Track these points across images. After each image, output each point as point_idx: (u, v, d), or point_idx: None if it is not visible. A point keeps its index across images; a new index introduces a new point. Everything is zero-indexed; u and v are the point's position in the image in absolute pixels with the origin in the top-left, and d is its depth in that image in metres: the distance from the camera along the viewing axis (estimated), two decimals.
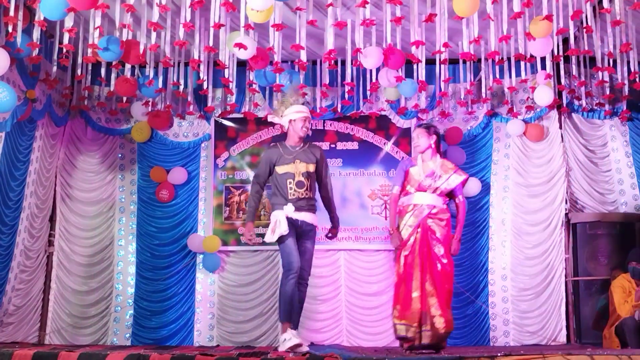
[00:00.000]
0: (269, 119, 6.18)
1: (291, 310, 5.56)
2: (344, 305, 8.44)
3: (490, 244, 8.51)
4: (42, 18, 6.07)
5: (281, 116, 5.84)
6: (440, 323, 5.63)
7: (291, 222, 5.64)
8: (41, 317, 8.39)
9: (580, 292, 8.11)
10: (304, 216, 5.70)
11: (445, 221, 5.91)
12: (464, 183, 6.05)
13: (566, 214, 8.41)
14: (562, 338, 8.19)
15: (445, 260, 5.80)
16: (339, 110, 8.48)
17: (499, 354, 4.53)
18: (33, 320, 8.25)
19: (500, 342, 8.28)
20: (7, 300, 7.70)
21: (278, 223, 5.61)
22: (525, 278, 8.38)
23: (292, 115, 5.77)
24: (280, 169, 5.76)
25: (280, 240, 5.64)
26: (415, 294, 5.72)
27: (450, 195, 6.03)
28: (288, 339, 5.40)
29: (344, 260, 8.52)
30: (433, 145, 6.01)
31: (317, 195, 5.94)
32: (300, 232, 5.72)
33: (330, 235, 6.10)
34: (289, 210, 5.63)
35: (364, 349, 7.35)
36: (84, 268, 8.55)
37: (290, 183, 5.70)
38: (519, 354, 4.50)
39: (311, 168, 5.78)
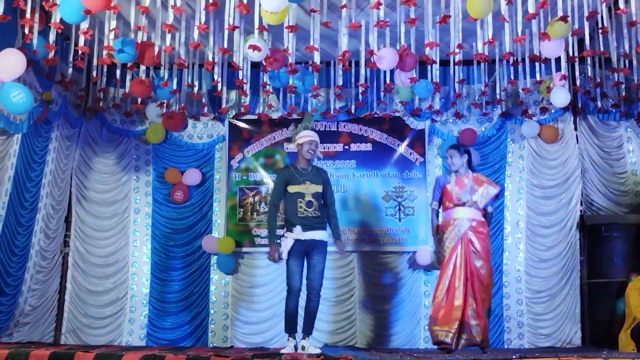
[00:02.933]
0: (285, 148, 7.04)
1: (292, 324, 6.20)
2: (357, 306, 8.43)
3: (505, 246, 8.47)
4: (58, 20, 6.12)
5: (293, 142, 6.46)
6: (477, 332, 6.00)
7: (300, 243, 6.12)
8: (57, 317, 8.46)
9: (596, 295, 8.06)
10: (313, 234, 6.17)
11: (484, 234, 6.28)
12: (497, 195, 6.47)
13: (581, 216, 8.36)
14: (577, 341, 8.15)
15: (483, 272, 6.18)
16: (352, 111, 8.48)
17: (514, 357, 4.52)
18: (49, 321, 8.32)
19: (515, 345, 8.24)
20: (23, 300, 7.77)
21: (284, 246, 6.13)
22: (539, 280, 8.34)
23: (299, 140, 6.31)
24: (291, 189, 6.22)
25: (287, 259, 6.16)
26: (458, 303, 6.06)
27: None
28: (286, 347, 6.08)
29: (357, 262, 8.51)
30: (465, 164, 6.37)
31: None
32: (310, 250, 6.17)
33: (338, 249, 6.52)
34: (298, 232, 6.11)
35: (377, 350, 7.35)
36: (99, 269, 8.60)
37: (300, 202, 6.16)
38: (534, 357, 4.48)
39: (320, 189, 6.26)
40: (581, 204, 8.41)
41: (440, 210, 6.50)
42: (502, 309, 8.32)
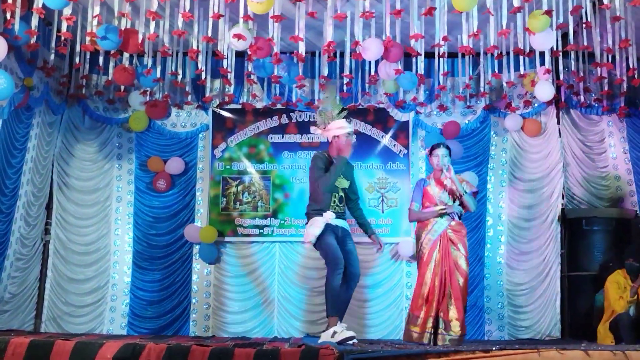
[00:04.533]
0: (312, 130, 6.40)
1: (340, 304, 5.84)
2: None
3: (486, 238, 8.52)
4: (40, 5, 6.05)
5: (324, 129, 6.05)
6: (456, 327, 6.09)
7: (331, 227, 5.89)
8: (37, 305, 8.40)
9: (575, 288, 8.13)
10: (342, 223, 6.02)
11: (462, 233, 6.36)
12: (474, 194, 6.50)
13: (562, 209, 8.42)
14: (557, 333, 8.22)
15: (464, 268, 6.26)
16: (337, 102, 8.46)
17: (494, 348, 4.54)
18: (29, 308, 8.26)
19: (495, 336, 8.31)
20: (3, 287, 7.70)
21: (316, 227, 5.83)
22: (520, 272, 8.41)
23: (336, 131, 5.98)
24: None
25: (321, 240, 5.85)
26: (436, 301, 6.15)
27: (462, 205, 6.45)
28: (339, 331, 5.58)
29: None
30: (448, 164, 6.41)
31: None
32: (341, 237, 5.97)
33: (378, 243, 6.39)
34: (329, 217, 5.88)
35: (359, 341, 7.36)
36: (80, 257, 8.54)
37: (334, 197, 5.99)
38: (513, 349, 4.51)
39: (347, 185, 6.08)
40: (562, 198, 8.47)
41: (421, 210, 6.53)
42: (482, 301, 8.37)
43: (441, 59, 7.44)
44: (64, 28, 6.30)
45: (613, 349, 4.61)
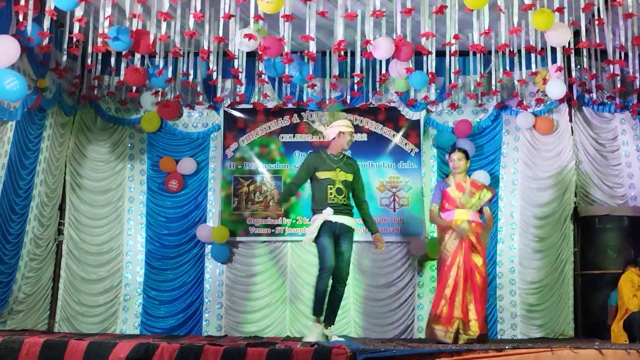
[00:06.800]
0: (315, 127, 6.86)
1: (323, 305, 6.04)
2: (351, 296, 8.44)
3: (499, 237, 8.50)
4: (52, 7, 6.08)
5: (329, 126, 6.33)
6: (474, 327, 6.17)
7: (329, 225, 6.03)
8: (50, 305, 8.44)
9: (588, 286, 8.09)
10: (342, 219, 6.12)
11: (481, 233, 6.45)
12: (491, 199, 6.61)
13: (575, 208, 8.39)
14: (570, 332, 8.19)
15: (482, 270, 6.37)
16: (348, 101, 8.47)
17: (506, 347, 4.54)
18: (42, 308, 8.30)
19: (508, 335, 8.28)
20: (17, 288, 7.76)
21: (313, 226, 6.04)
22: (533, 271, 8.37)
23: (342, 128, 6.26)
24: (321, 175, 6.17)
25: (317, 240, 6.06)
26: (459, 301, 6.23)
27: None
28: (312, 332, 5.95)
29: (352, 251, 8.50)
30: (466, 168, 6.57)
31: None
32: (338, 235, 6.10)
33: (377, 245, 6.45)
34: (328, 212, 6.03)
35: (371, 339, 7.37)
36: (94, 257, 8.58)
37: (330, 189, 6.13)
38: (526, 347, 4.50)
39: (350, 178, 6.22)
40: (575, 196, 8.43)
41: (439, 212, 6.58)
42: (495, 300, 8.34)
43: (452, 57, 7.43)
44: (75, 29, 6.32)
45: (627, 347, 4.59)
